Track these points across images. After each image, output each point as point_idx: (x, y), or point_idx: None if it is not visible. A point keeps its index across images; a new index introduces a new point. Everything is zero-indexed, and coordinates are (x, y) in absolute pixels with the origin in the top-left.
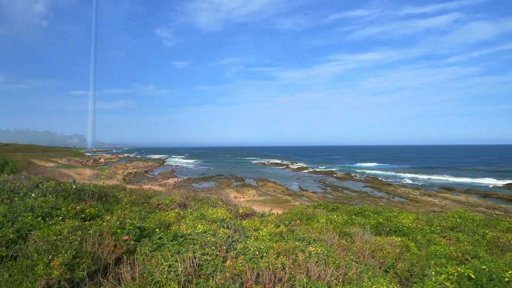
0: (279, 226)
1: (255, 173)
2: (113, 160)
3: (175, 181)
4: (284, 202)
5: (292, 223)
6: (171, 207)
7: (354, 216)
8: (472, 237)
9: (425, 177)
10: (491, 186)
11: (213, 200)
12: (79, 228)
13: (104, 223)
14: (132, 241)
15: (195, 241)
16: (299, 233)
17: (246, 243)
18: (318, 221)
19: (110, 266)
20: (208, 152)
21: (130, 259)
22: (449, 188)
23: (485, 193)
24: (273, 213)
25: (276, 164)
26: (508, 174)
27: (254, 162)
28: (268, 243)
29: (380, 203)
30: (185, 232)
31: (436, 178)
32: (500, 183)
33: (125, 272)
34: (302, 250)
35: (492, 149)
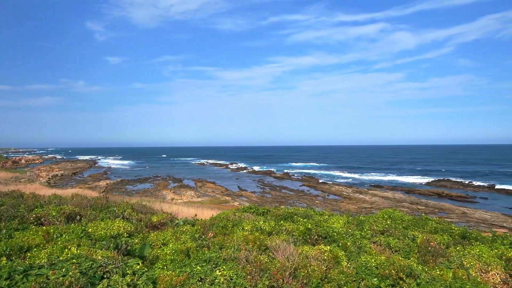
0: (194, 238)
1: (194, 174)
2: (37, 161)
3: (107, 183)
4: (223, 203)
5: (203, 236)
6: (59, 219)
7: (282, 222)
8: (403, 241)
9: (357, 175)
10: (415, 183)
11: (115, 208)
12: None
13: None
14: None
15: (39, 279)
16: (207, 253)
17: (118, 277)
18: (243, 229)
19: None
20: (145, 152)
21: None
22: (378, 185)
23: (409, 189)
24: (197, 218)
25: (216, 164)
26: (429, 172)
27: (193, 162)
28: (159, 270)
29: (316, 201)
30: (42, 261)
31: (367, 176)
32: (423, 180)
33: None
34: (202, 278)
35: (417, 149)
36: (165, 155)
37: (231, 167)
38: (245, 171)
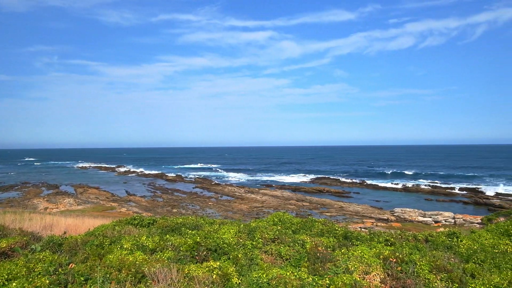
0: (49, 273)
1: (74, 179)
2: None
3: None
4: (108, 209)
5: (62, 268)
6: None
7: (168, 235)
8: (293, 248)
9: (250, 176)
10: (301, 182)
11: None
12: None
13: None
14: None
15: None
16: None
17: None
18: (123, 247)
19: None
20: (9, 155)
21: None
22: (268, 184)
23: (296, 187)
24: (66, 236)
25: (101, 167)
26: (313, 171)
27: (73, 166)
28: None
29: (209, 203)
30: None
31: (258, 176)
32: (307, 179)
33: None
34: None
35: (304, 150)
36: (35, 158)
37: (119, 171)
38: (134, 174)
